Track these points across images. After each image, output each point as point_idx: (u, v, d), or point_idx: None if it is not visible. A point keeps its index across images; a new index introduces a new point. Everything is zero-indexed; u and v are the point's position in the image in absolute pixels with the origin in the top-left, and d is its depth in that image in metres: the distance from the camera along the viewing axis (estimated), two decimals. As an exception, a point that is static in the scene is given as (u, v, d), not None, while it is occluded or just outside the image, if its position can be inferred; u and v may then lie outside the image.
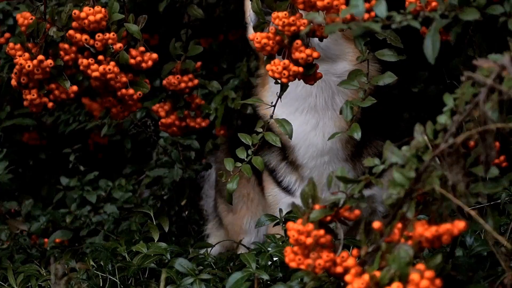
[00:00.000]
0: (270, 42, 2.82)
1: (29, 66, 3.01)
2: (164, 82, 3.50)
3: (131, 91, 3.17)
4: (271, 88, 3.20)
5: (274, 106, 2.94)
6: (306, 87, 3.05)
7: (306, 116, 3.10)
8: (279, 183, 3.28)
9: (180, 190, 4.15)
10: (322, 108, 3.01)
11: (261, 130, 2.89)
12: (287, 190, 3.28)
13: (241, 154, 2.92)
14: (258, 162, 2.93)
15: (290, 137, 2.89)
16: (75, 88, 3.15)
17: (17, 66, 3.03)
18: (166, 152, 4.17)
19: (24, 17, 3.12)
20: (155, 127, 4.01)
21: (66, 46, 3.11)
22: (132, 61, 3.15)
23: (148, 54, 3.19)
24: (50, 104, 3.13)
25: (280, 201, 3.30)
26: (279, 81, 2.83)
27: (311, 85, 2.94)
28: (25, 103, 3.12)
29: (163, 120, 3.57)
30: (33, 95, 3.08)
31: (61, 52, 3.11)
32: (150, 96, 4.02)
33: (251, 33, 2.97)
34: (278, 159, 3.26)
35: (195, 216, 4.13)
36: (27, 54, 3.04)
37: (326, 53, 3.03)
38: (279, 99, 2.91)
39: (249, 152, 2.89)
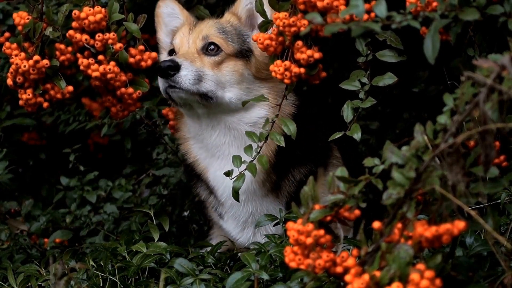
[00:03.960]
0: (273, 43, 2.83)
1: (24, 66, 3.01)
2: None
3: (130, 90, 3.17)
4: (188, 125, 3.31)
5: (280, 105, 3.00)
6: (219, 137, 3.19)
7: (222, 161, 3.19)
8: (215, 210, 3.43)
9: (186, 190, 4.15)
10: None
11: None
12: (220, 216, 3.42)
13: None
14: (263, 161, 2.95)
15: (293, 136, 2.94)
16: (70, 88, 3.15)
17: (13, 66, 3.04)
18: (167, 151, 4.17)
19: (20, 17, 3.12)
20: (156, 126, 4.02)
21: (62, 46, 3.11)
22: (131, 60, 3.15)
23: (147, 53, 3.19)
24: (46, 104, 3.13)
25: (218, 223, 3.50)
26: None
27: (316, 84, 2.97)
28: (20, 102, 3.12)
29: (171, 123, 3.59)
30: (29, 94, 3.08)
31: (57, 52, 3.11)
32: (150, 96, 4.03)
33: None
34: (207, 192, 3.42)
35: (195, 216, 4.13)
36: (23, 54, 3.04)
37: (238, 104, 3.11)
38: (285, 97, 2.98)
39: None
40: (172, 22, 3.42)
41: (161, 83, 3.07)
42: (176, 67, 3.01)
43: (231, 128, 3.15)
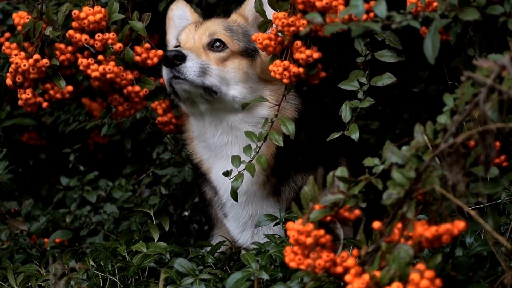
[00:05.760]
0: (272, 42, 2.83)
1: (24, 65, 3.01)
2: (161, 80, 3.52)
3: (137, 88, 3.19)
4: (192, 124, 3.31)
5: (279, 105, 3.01)
6: (222, 136, 3.20)
7: (224, 162, 3.19)
8: (220, 209, 3.44)
9: (188, 190, 4.15)
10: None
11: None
12: (225, 215, 3.44)
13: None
14: (262, 161, 2.95)
15: (292, 136, 2.95)
16: (70, 88, 3.15)
17: (12, 65, 3.04)
18: (172, 150, 4.18)
19: (20, 17, 3.12)
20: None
21: (62, 46, 3.11)
22: (137, 58, 3.16)
23: (153, 51, 3.20)
24: (45, 104, 3.13)
25: (223, 221, 3.52)
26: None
27: (316, 84, 2.97)
28: (19, 102, 3.12)
29: (159, 118, 3.60)
30: (28, 94, 3.09)
31: (57, 52, 3.11)
32: (150, 96, 4.02)
33: None
34: (212, 192, 3.43)
35: (196, 216, 4.13)
36: (22, 53, 3.04)
37: (241, 103, 3.10)
38: (284, 98, 2.99)
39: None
40: (182, 24, 3.44)
41: (165, 73, 3.06)
42: (182, 57, 3.01)
43: (234, 127, 3.16)
